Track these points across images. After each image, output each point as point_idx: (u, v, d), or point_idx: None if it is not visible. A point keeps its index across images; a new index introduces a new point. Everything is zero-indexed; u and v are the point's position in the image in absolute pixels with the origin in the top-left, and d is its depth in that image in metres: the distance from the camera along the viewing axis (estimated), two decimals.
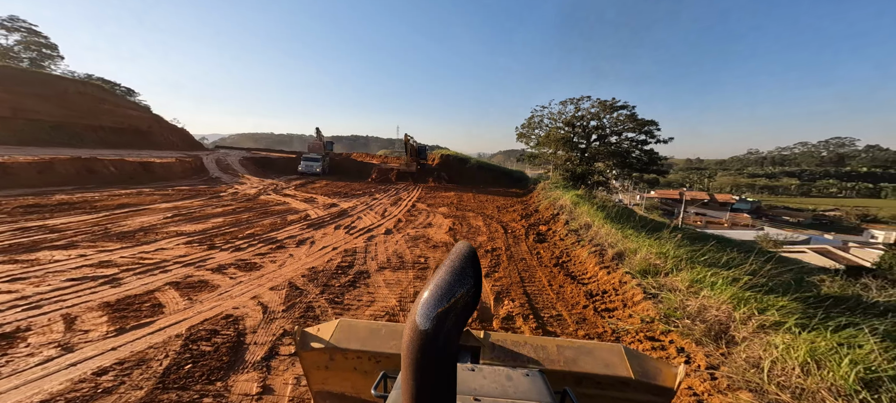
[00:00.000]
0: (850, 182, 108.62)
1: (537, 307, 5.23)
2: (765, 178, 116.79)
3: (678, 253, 5.33)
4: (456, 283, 0.53)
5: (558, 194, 13.95)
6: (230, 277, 5.31)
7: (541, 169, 23.60)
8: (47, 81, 30.01)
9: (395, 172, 24.54)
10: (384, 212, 12.13)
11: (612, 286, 5.45)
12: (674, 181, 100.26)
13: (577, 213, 10.42)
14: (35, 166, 12.87)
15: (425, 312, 0.52)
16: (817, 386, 2.37)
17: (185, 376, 3.11)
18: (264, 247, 6.99)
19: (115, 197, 11.26)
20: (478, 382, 1.03)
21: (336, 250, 7.23)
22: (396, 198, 15.63)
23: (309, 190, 16.75)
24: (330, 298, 4.97)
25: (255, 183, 18.16)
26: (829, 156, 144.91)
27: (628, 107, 17.47)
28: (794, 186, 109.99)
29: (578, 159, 18.39)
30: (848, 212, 66.86)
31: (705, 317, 3.65)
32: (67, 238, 6.60)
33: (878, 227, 50.93)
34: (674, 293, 4.33)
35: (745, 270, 4.39)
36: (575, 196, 12.65)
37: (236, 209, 10.87)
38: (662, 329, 3.95)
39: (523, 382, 1.05)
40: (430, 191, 19.05)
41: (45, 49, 40.02)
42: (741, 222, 50.65)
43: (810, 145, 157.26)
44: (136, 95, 44.10)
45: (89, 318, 3.96)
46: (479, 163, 26.47)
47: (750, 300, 3.51)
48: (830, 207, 75.98)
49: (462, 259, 0.57)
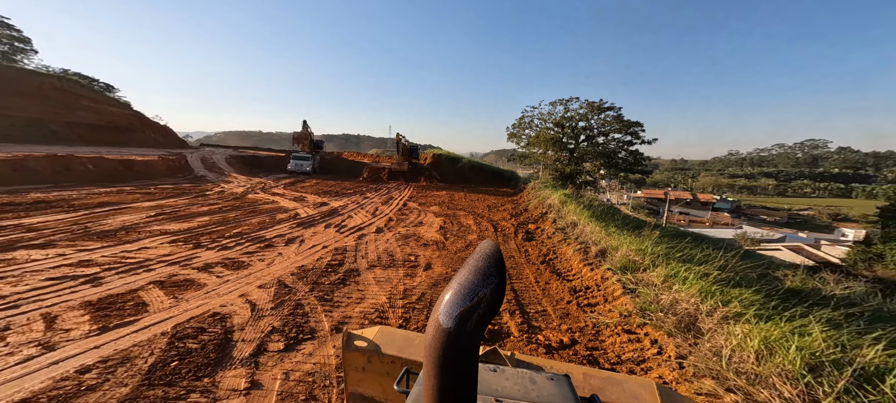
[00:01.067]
0: (823, 183, 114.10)
1: (523, 303, 5.40)
2: (744, 178, 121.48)
3: (656, 250, 5.60)
4: (480, 283, 0.53)
5: (547, 194, 14.25)
6: (217, 275, 5.28)
7: (531, 169, 23.98)
8: (21, 76, 28.60)
9: (386, 171, 24.49)
10: (375, 211, 12.15)
11: (594, 282, 5.68)
12: (659, 181, 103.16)
13: (565, 212, 10.70)
14: (8, 163, 12.33)
15: (448, 310, 0.52)
16: (769, 372, 2.59)
17: (172, 373, 3.13)
18: (252, 246, 6.95)
19: (94, 196, 10.91)
20: (500, 383, 1.01)
21: (326, 249, 7.25)
22: (388, 197, 15.65)
23: (298, 189, 16.58)
24: (320, 295, 5.01)
25: (243, 182, 17.84)
26: (804, 157, 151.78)
27: (615, 108, 17.99)
28: (771, 186, 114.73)
29: (567, 159, 18.81)
30: (820, 211, 70.25)
31: (676, 310, 3.89)
32: (45, 237, 6.41)
33: (849, 225, 53.75)
34: (650, 288, 4.56)
35: (715, 265, 4.67)
36: (563, 195, 12.96)
37: (223, 208, 10.70)
38: (638, 322, 4.18)
39: (547, 386, 1.01)
40: (422, 190, 19.10)
41: (18, 42, 38.13)
42: (722, 222, 52.61)
43: (787, 147, 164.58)
44: (116, 90, 42.54)
45: (70, 317, 3.91)
46: (470, 162, 26.70)
47: (716, 293, 3.76)
48: (805, 206, 79.63)
49: (486, 259, 0.57)
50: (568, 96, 19.62)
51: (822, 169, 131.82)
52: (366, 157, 36.37)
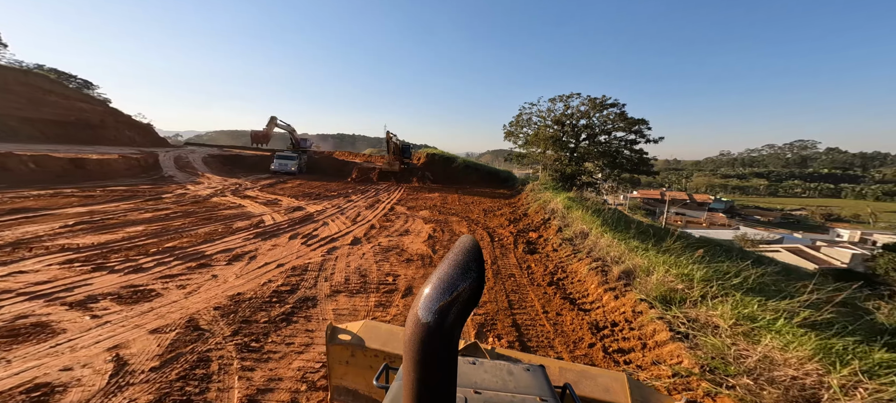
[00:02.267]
0: (813, 183, 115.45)
1: (530, 346, 4.00)
2: (736, 178, 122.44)
3: (703, 274, 4.24)
4: (458, 277, 0.53)
5: (549, 197, 12.90)
6: (95, 314, 3.73)
7: (529, 169, 22.65)
8: None
9: (376, 171, 23.02)
10: (357, 216, 10.66)
11: (623, 316, 4.29)
12: (653, 181, 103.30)
13: (571, 218, 9.34)
14: None
15: (427, 305, 0.52)
16: None
17: None
18: (180, 265, 5.41)
19: (19, 199, 9.21)
20: (479, 375, 1.05)
21: (281, 268, 5.75)
22: (374, 200, 14.15)
23: (276, 191, 14.98)
24: (243, 343, 3.53)
25: (215, 183, 16.17)
26: (793, 158, 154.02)
27: (618, 104, 16.73)
28: (762, 186, 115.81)
29: (567, 159, 17.46)
30: (813, 212, 70.61)
31: (775, 376, 2.51)
32: None
33: (843, 226, 53.81)
34: (714, 335, 3.19)
35: (801, 301, 3.31)
36: (567, 199, 11.61)
37: (171, 214, 9.09)
38: (707, 388, 2.80)
39: (524, 376, 1.06)
40: (413, 192, 17.69)
41: None
42: (718, 222, 52.17)
43: (777, 147, 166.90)
44: (94, 87, 40.16)
45: None
46: (465, 162, 25.25)
47: (845, 355, 2.40)
48: (797, 207, 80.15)
49: (465, 253, 0.58)
50: (568, 92, 18.35)
51: (811, 169, 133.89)
52: (358, 156, 34.86)
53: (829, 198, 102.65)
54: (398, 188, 18.78)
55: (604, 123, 17.15)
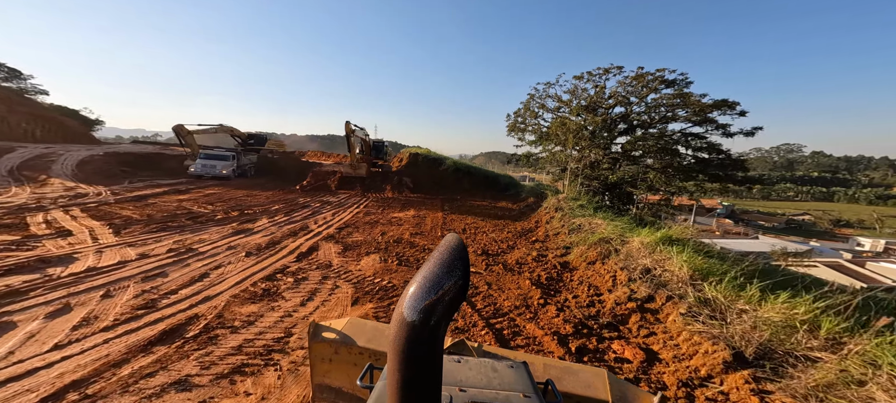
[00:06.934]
0: (805, 186, 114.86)
1: None
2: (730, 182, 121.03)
3: None
4: (444, 275, 0.53)
5: (605, 227, 7.24)
6: None
7: (541, 173, 17.06)
8: None
9: (337, 177, 17.19)
10: (202, 276, 4.93)
11: None
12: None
13: (715, 296, 3.76)
14: None
15: (413, 304, 0.52)
16: None
17: None
18: None
19: None
20: (464, 373, 1.06)
21: None
22: (299, 226, 8.42)
23: (136, 207, 9.06)
24: None
25: (48, 191, 10.09)
26: (780, 161, 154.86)
27: (679, 81, 11.37)
28: (756, 190, 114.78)
29: (606, 160, 11.77)
30: (820, 217, 68.12)
31: None
32: None
33: (856, 232, 50.75)
34: None
35: None
36: (660, 237, 5.94)
37: None
38: None
39: (508, 373, 1.08)
40: (381, 206, 12.08)
41: None
42: (732, 230, 48.16)
43: (764, 151, 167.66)
44: (28, 78, 32.48)
45: None
46: (457, 165, 19.59)
47: None
48: (799, 211, 77.98)
49: (450, 252, 0.57)
50: (598, 68, 12.91)
51: (801, 173, 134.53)
52: (331, 157, 28.89)
53: (822, 202, 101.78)
54: (360, 201, 13.08)
55: (656, 107, 11.76)
